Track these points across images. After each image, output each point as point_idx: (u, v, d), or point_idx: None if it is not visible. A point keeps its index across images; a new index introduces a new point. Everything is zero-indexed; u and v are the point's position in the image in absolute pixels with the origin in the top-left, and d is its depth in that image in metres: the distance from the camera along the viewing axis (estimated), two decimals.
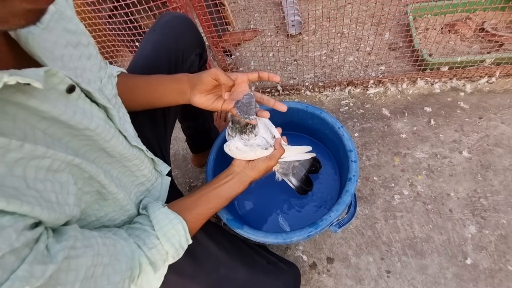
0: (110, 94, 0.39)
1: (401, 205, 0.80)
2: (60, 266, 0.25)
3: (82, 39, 0.35)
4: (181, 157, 1.04)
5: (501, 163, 0.81)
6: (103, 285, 0.31)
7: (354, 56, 1.14)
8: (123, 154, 0.39)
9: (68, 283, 0.26)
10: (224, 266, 0.50)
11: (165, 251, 0.40)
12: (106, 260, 0.31)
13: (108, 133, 0.35)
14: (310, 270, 0.75)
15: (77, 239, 0.28)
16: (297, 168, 0.63)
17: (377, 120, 0.97)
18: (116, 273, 0.32)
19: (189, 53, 0.60)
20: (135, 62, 0.55)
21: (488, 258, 0.69)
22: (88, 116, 0.32)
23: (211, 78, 0.46)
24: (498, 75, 0.95)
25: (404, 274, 0.70)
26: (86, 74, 0.34)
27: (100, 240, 0.32)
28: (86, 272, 0.28)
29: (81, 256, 0.28)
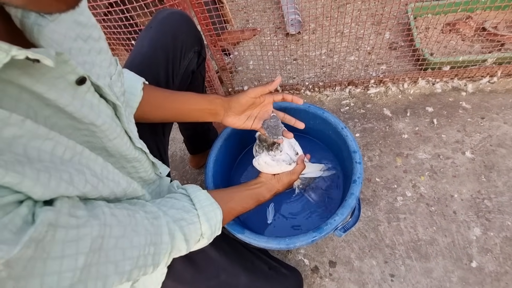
0: (119, 91, 0.37)
1: (404, 206, 0.78)
2: (48, 234, 0.21)
3: (93, 33, 0.32)
4: (179, 158, 1.02)
5: (504, 163, 0.80)
6: (117, 259, 0.27)
7: (354, 55, 1.12)
8: (124, 155, 0.37)
9: (67, 255, 0.22)
10: (224, 272, 0.48)
11: (201, 231, 0.39)
12: (118, 232, 0.28)
13: (114, 132, 0.33)
14: (312, 274, 0.73)
15: (73, 206, 0.25)
16: (317, 183, 0.66)
17: (379, 120, 0.95)
18: (133, 247, 0.29)
19: (187, 51, 0.57)
20: (131, 60, 0.53)
21: (493, 261, 0.67)
22: (96, 111, 0.29)
23: (250, 97, 0.51)
24: (499, 74, 0.94)
25: (409, 278, 0.69)
26: (96, 69, 0.32)
27: (107, 210, 0.28)
28: (92, 243, 0.25)
29: (82, 225, 0.24)
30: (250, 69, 1.19)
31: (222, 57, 0.98)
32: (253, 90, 0.51)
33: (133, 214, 0.31)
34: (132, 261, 0.29)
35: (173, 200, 0.40)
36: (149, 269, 0.32)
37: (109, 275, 0.27)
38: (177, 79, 0.57)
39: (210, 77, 0.94)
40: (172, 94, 0.51)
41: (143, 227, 0.31)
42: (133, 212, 0.31)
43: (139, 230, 0.31)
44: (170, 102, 0.51)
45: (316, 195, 0.63)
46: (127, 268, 0.28)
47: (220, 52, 0.96)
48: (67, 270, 0.22)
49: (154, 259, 0.32)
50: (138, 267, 0.30)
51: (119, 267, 0.28)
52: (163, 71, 0.53)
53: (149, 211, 0.34)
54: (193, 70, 0.61)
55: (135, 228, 0.30)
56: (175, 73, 0.56)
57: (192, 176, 0.98)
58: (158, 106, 0.50)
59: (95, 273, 0.25)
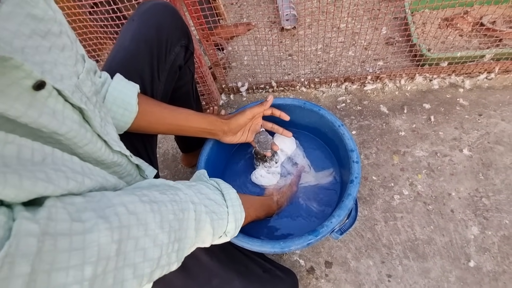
0: (90, 91, 0.33)
1: (401, 205, 0.77)
2: (45, 244, 0.18)
3: (53, 27, 0.28)
4: (171, 157, 0.99)
5: (502, 161, 0.79)
6: (136, 262, 0.24)
7: (351, 51, 1.10)
8: (100, 161, 0.33)
9: (72, 266, 0.20)
10: (217, 277, 0.46)
11: (225, 228, 0.39)
12: (138, 232, 0.25)
13: (83, 138, 0.29)
14: (307, 275, 0.72)
15: (77, 210, 0.22)
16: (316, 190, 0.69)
17: (375, 118, 0.93)
18: (156, 246, 0.27)
19: (173, 45, 0.54)
20: (113, 55, 0.49)
21: (491, 260, 0.66)
22: (59, 119, 0.26)
23: (248, 119, 0.56)
24: (497, 71, 0.93)
25: (406, 278, 0.67)
26: (59, 69, 0.28)
27: (122, 209, 0.25)
28: (101, 251, 0.22)
29: (88, 231, 0.21)
30: (244, 64, 1.16)
31: (215, 52, 0.95)
32: (250, 112, 0.57)
33: (158, 208, 0.28)
34: (153, 262, 0.26)
35: (206, 189, 0.39)
36: (173, 266, 0.30)
37: (126, 280, 0.24)
38: (163, 75, 0.54)
39: (202, 72, 0.91)
40: (171, 111, 0.50)
41: (168, 223, 0.28)
42: (158, 206, 0.28)
43: (164, 226, 0.28)
44: (169, 119, 0.49)
45: (318, 204, 0.62)
46: (147, 270, 0.26)
47: (213, 47, 0.93)
48: (73, 282, 0.20)
49: (178, 255, 0.30)
50: (160, 267, 0.28)
51: (138, 269, 0.25)
52: (147, 66, 0.50)
53: (179, 201, 0.32)
54: (181, 65, 0.58)
55: (160, 225, 0.27)
56: (160, 68, 0.52)
57: (185, 175, 0.95)
58: (155, 123, 0.48)
59: (111, 280, 0.23)
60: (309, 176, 0.66)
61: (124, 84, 0.44)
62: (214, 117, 0.54)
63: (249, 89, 1.07)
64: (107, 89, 0.42)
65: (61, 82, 0.27)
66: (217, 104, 1.06)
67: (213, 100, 1.05)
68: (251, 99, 1.07)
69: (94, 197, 0.25)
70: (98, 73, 0.42)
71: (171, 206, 0.30)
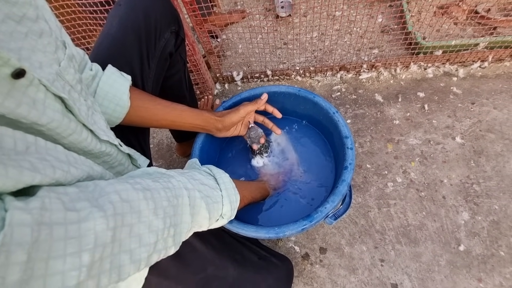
0: (73, 79, 0.31)
1: (395, 192, 0.78)
2: (41, 233, 0.19)
3: (28, 12, 0.27)
4: (165, 146, 0.98)
5: (493, 148, 0.80)
6: (132, 248, 0.25)
7: (346, 38, 1.09)
8: (88, 151, 0.32)
9: (69, 254, 0.20)
10: (211, 265, 0.46)
11: (221, 211, 0.39)
12: (132, 219, 0.25)
13: (67, 129, 0.28)
14: (302, 261, 0.73)
15: (71, 199, 0.22)
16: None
17: (370, 106, 0.93)
18: (151, 231, 0.27)
19: (162, 30, 0.52)
20: (99, 42, 0.47)
21: (480, 244, 0.68)
22: (39, 109, 0.24)
23: (242, 116, 0.57)
24: (490, 59, 0.94)
25: (398, 263, 0.69)
26: (37, 56, 0.26)
27: (115, 197, 0.25)
28: (97, 238, 0.22)
29: (83, 220, 0.21)
30: (239, 53, 1.14)
31: (209, 40, 0.93)
32: (244, 109, 0.58)
33: (151, 195, 0.28)
34: (149, 247, 0.27)
35: (199, 175, 0.39)
36: (170, 250, 0.31)
37: (123, 265, 0.24)
38: (153, 62, 0.52)
39: (196, 61, 0.90)
40: (164, 107, 0.49)
41: (162, 210, 0.29)
42: (151, 193, 0.29)
43: (158, 212, 0.28)
44: (162, 115, 0.49)
45: (310, 190, 0.63)
46: (143, 255, 0.26)
47: (206, 35, 0.91)
48: (71, 269, 0.20)
49: (175, 239, 0.31)
50: (157, 251, 0.28)
51: (135, 255, 0.25)
52: (136, 54, 0.48)
53: (172, 188, 0.32)
54: (171, 53, 0.56)
55: (154, 211, 0.28)
56: (150, 55, 0.51)
57: (179, 165, 0.94)
58: (147, 118, 0.47)
59: (108, 265, 0.23)
60: (297, 173, 0.68)
61: (116, 78, 0.42)
62: (208, 114, 0.54)
63: (244, 78, 1.06)
64: (98, 83, 0.41)
65: (41, 70, 0.26)
66: (212, 93, 1.05)
67: (207, 89, 1.04)
68: (246, 88, 1.06)
69: (88, 187, 0.25)
70: (89, 65, 0.41)
71: (164, 193, 0.30)
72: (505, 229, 0.69)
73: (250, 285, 0.52)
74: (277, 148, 0.70)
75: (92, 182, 0.26)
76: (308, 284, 0.69)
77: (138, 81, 0.50)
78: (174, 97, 0.69)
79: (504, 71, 0.94)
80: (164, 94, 0.67)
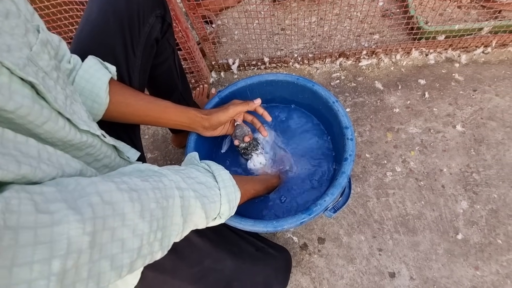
0: (48, 65, 0.29)
1: (394, 182, 0.77)
2: (4, 238, 0.17)
3: None
4: (161, 137, 0.96)
5: (494, 136, 0.79)
6: (113, 253, 0.23)
7: (346, 23, 1.05)
8: (67, 142, 0.30)
9: (37, 261, 0.18)
10: (208, 258, 0.46)
11: (219, 211, 0.38)
12: (114, 222, 0.23)
13: (39, 116, 0.25)
14: (300, 251, 0.73)
15: (46, 200, 0.20)
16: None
17: (370, 94, 0.91)
18: (135, 236, 0.25)
19: (146, 15, 0.48)
20: (79, 30, 0.44)
21: (478, 233, 0.68)
22: (4, 93, 0.22)
23: (230, 116, 0.54)
24: (494, 44, 0.91)
25: (396, 252, 0.69)
26: (4, 38, 0.24)
27: (97, 199, 0.23)
28: (71, 244, 0.20)
29: (56, 223, 0.19)
30: (235, 40, 1.10)
31: (203, 25, 0.89)
32: (234, 110, 0.54)
33: (138, 196, 0.26)
34: (132, 253, 0.25)
35: (196, 172, 0.37)
36: (157, 255, 0.29)
37: (103, 272, 0.22)
38: (138, 49, 0.49)
39: (190, 48, 0.86)
40: (147, 103, 0.46)
41: (149, 212, 0.26)
42: (138, 195, 0.26)
43: (145, 215, 0.26)
44: (145, 111, 0.46)
45: (310, 181, 0.62)
46: (126, 261, 0.24)
47: (200, 20, 0.87)
48: (39, 278, 0.18)
49: (162, 243, 0.29)
50: (142, 257, 0.26)
51: (116, 261, 0.23)
52: (119, 41, 0.45)
53: (162, 188, 0.29)
54: (157, 38, 0.53)
55: (140, 214, 0.25)
56: (134, 42, 0.47)
57: (175, 156, 0.93)
58: (129, 114, 0.45)
59: (86, 274, 0.21)
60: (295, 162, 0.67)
61: (93, 73, 0.39)
62: (194, 111, 0.51)
63: (240, 66, 1.03)
64: (74, 78, 0.38)
65: (8, 54, 0.23)
66: (207, 82, 1.02)
67: (202, 78, 1.01)
68: (242, 77, 1.03)
69: (68, 185, 0.23)
70: (67, 58, 0.38)
71: (153, 194, 0.28)
72: (503, 218, 0.69)
73: (248, 277, 0.51)
74: (269, 144, 0.68)
75: (74, 179, 0.24)
76: (306, 274, 0.70)
77: (123, 70, 0.47)
78: (165, 87, 0.66)
79: (507, 56, 0.91)
80: (154, 83, 0.64)
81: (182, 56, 0.89)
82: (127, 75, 0.48)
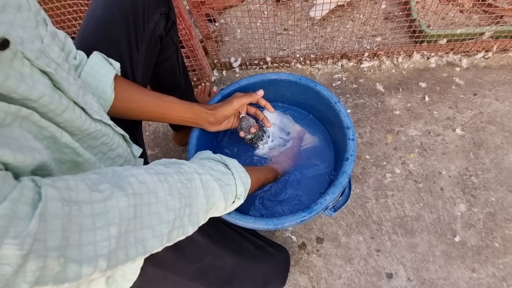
0: (59, 57, 0.30)
1: (393, 183, 0.78)
2: (72, 209, 0.21)
3: None
4: (162, 134, 0.96)
5: (493, 141, 0.80)
6: (153, 224, 0.27)
7: (349, 25, 1.06)
8: (84, 130, 0.31)
9: (98, 227, 0.22)
10: (208, 255, 0.46)
11: (236, 193, 0.40)
12: (149, 199, 0.28)
13: (59, 105, 0.27)
14: (299, 250, 0.73)
15: (94, 183, 0.24)
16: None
17: (371, 96, 0.92)
18: (169, 210, 0.29)
19: (151, 12, 0.49)
20: (84, 25, 0.44)
21: (476, 236, 0.69)
22: (28, 83, 0.23)
23: (235, 109, 0.55)
24: (495, 49, 0.92)
25: (394, 253, 0.69)
26: (17, 31, 0.25)
27: (133, 180, 0.27)
28: (122, 213, 0.24)
29: (107, 198, 0.24)
30: (238, 39, 1.11)
31: (206, 24, 0.89)
32: (237, 102, 0.55)
33: (165, 178, 0.30)
34: (169, 224, 0.29)
35: (209, 163, 0.40)
36: (188, 229, 0.32)
37: (147, 239, 0.27)
38: (142, 46, 0.49)
39: (193, 45, 0.86)
40: (153, 99, 0.46)
41: (177, 190, 0.31)
42: (165, 177, 0.31)
43: (174, 193, 0.30)
44: (150, 107, 0.46)
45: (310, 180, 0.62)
46: (165, 231, 0.29)
47: (204, 18, 0.87)
48: (102, 240, 0.23)
49: (191, 219, 0.32)
50: (176, 228, 0.30)
51: (156, 230, 0.28)
52: (123, 37, 0.45)
53: (184, 172, 0.34)
54: (161, 36, 0.53)
55: (169, 192, 0.30)
56: (139, 39, 0.48)
57: (176, 154, 0.93)
58: (135, 110, 0.45)
59: (133, 239, 0.26)
60: (308, 138, 0.67)
61: (99, 69, 0.40)
62: (199, 107, 0.52)
63: (242, 65, 1.03)
64: (80, 74, 0.38)
65: (22, 46, 0.24)
66: (209, 80, 1.02)
67: (204, 76, 1.01)
68: (244, 76, 1.03)
69: (106, 174, 0.27)
70: (73, 53, 0.38)
71: (177, 177, 0.32)
72: (500, 221, 0.70)
73: (247, 274, 0.52)
74: (275, 129, 0.68)
75: (110, 168, 0.28)
76: (304, 273, 0.70)
77: (127, 66, 0.47)
78: (167, 84, 0.66)
79: (508, 62, 0.92)
80: (157, 80, 0.64)
81: (185, 53, 0.89)
82: (131, 72, 0.48)
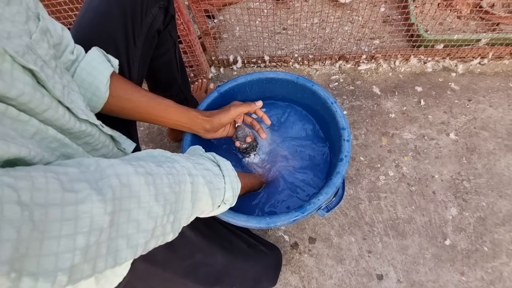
0: (47, 54, 0.29)
1: (386, 186, 0.78)
2: (35, 213, 0.18)
3: None
4: (156, 130, 0.95)
5: (486, 146, 0.81)
6: (129, 233, 0.24)
7: (347, 27, 1.06)
8: (66, 130, 0.30)
9: (64, 236, 0.19)
10: (200, 252, 0.45)
11: (223, 197, 0.39)
12: (130, 204, 0.24)
13: (40, 104, 0.25)
14: (291, 250, 0.73)
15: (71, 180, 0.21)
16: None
17: (367, 98, 0.92)
18: (150, 218, 0.26)
19: (150, 5, 0.48)
20: (80, 17, 0.43)
21: (466, 239, 0.70)
22: (7, 80, 0.22)
23: (232, 118, 0.54)
24: (490, 56, 0.93)
25: (385, 254, 0.70)
26: (4, 25, 0.24)
27: (115, 181, 0.24)
28: (93, 222, 0.21)
29: (80, 202, 0.21)
30: (236, 36, 1.10)
31: (205, 20, 0.89)
32: (235, 111, 0.54)
33: (153, 181, 0.27)
34: (147, 233, 0.26)
35: (203, 160, 0.39)
36: (168, 237, 0.30)
37: (120, 250, 0.24)
38: (139, 39, 0.48)
39: (191, 41, 0.86)
40: (149, 100, 0.45)
41: (163, 196, 0.28)
42: (153, 179, 0.28)
43: (159, 199, 0.27)
44: (145, 108, 0.45)
45: (304, 179, 0.62)
46: (141, 241, 0.26)
47: (202, 14, 0.86)
48: (65, 251, 0.20)
49: (174, 226, 0.30)
50: (155, 237, 0.28)
51: (132, 240, 0.25)
52: (121, 29, 0.45)
53: (175, 173, 0.31)
54: (159, 30, 0.53)
55: (154, 198, 0.27)
56: (136, 32, 0.47)
57: (170, 150, 0.92)
58: (129, 109, 0.44)
59: (105, 250, 0.23)
60: (288, 162, 0.66)
61: (95, 66, 0.39)
62: (195, 112, 0.50)
63: (241, 62, 1.02)
64: (76, 69, 0.38)
65: (8, 41, 0.23)
66: (206, 77, 1.02)
67: (202, 73, 1.00)
68: (241, 74, 1.03)
69: (89, 166, 0.24)
70: (71, 48, 0.37)
71: (167, 179, 0.29)
72: (490, 226, 0.71)
73: (238, 272, 0.52)
74: (265, 142, 0.68)
75: (94, 160, 0.25)
76: (295, 273, 0.70)
77: (123, 59, 0.46)
78: (164, 79, 0.65)
79: (502, 69, 0.93)
80: (154, 75, 0.64)
81: (183, 49, 0.88)
82: (127, 65, 0.47)
